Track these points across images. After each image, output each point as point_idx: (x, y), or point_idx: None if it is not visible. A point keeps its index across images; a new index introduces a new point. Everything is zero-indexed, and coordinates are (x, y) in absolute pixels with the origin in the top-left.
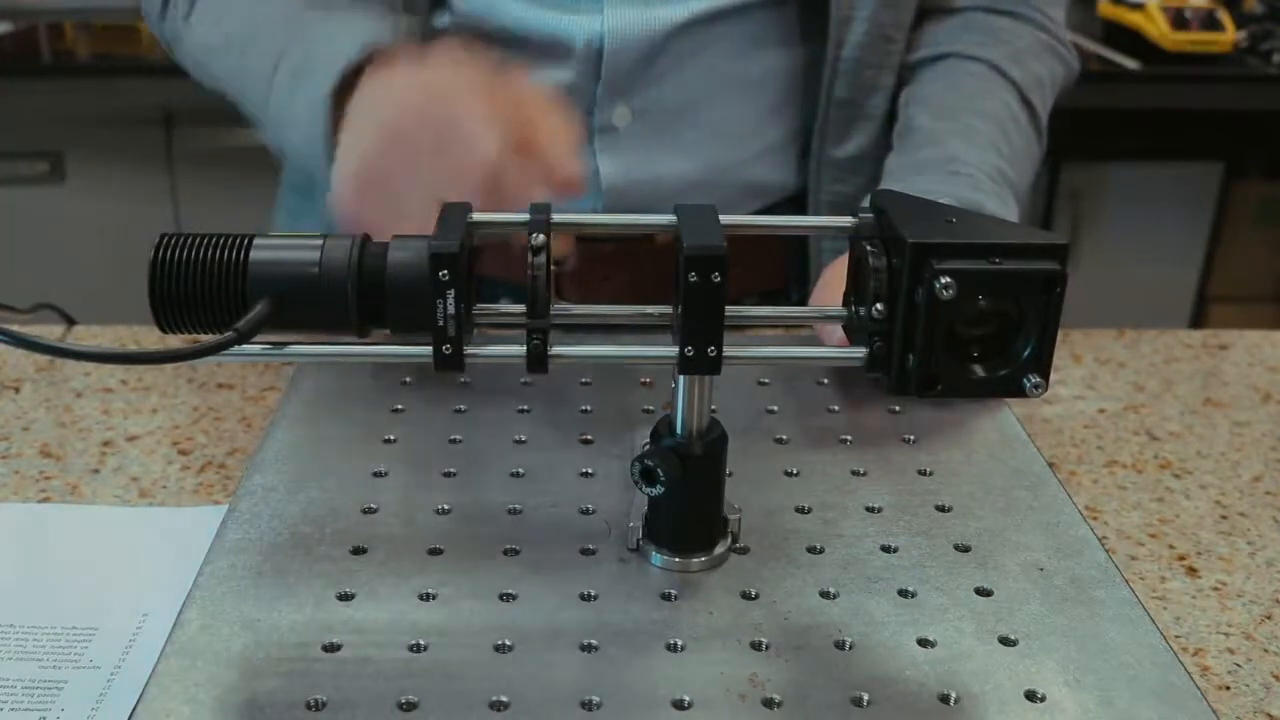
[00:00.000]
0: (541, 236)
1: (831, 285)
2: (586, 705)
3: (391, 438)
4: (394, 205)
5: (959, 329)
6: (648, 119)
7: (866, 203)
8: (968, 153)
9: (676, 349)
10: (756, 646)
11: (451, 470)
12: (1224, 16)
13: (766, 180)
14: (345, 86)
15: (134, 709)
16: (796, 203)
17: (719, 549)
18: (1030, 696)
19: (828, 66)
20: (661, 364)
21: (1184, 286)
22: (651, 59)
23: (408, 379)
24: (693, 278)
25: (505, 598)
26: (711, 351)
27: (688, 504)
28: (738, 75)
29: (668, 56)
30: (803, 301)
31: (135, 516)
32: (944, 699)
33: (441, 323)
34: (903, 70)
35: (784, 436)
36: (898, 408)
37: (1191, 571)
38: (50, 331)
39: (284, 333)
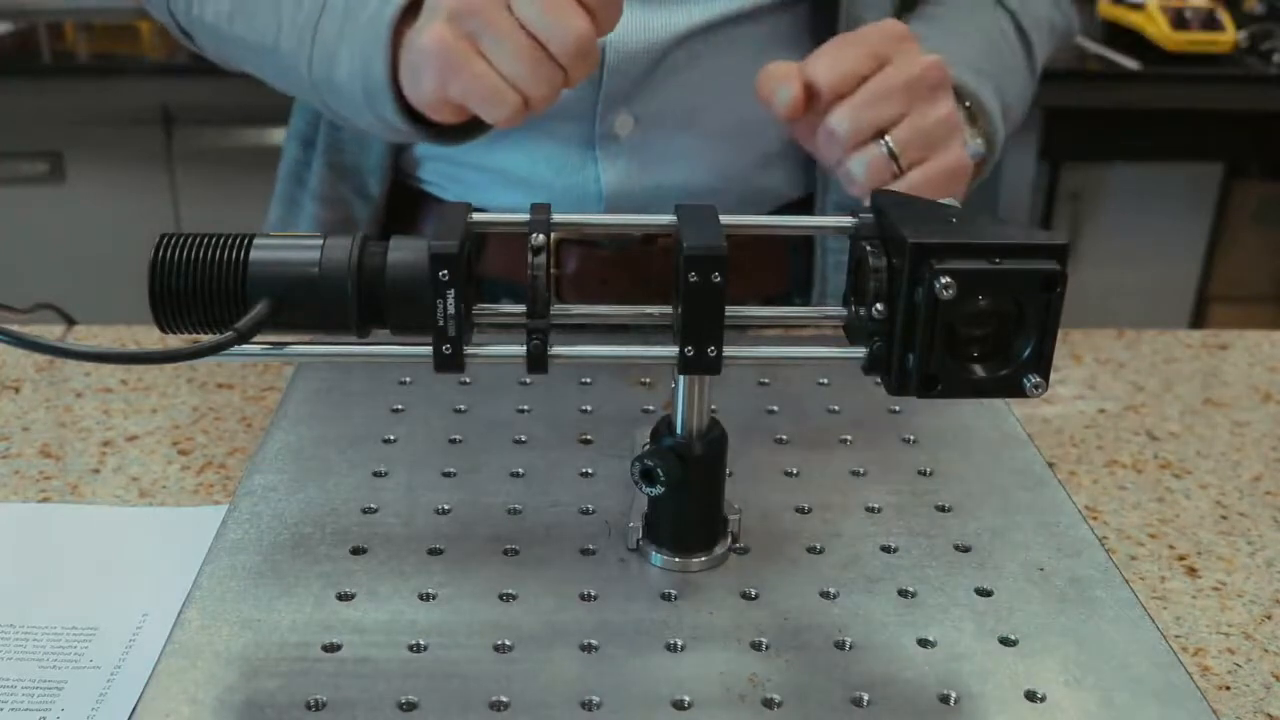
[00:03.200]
0: (541, 236)
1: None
2: (586, 705)
3: (391, 438)
4: (487, 30)
5: (959, 329)
6: (651, 127)
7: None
8: (953, 49)
9: (676, 349)
10: (756, 646)
11: (451, 470)
12: (1224, 16)
13: (771, 188)
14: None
15: (134, 709)
16: (801, 208)
17: (719, 549)
18: (1030, 696)
19: None
20: (661, 364)
21: (1184, 286)
22: (654, 67)
23: (408, 379)
24: (693, 278)
25: (505, 598)
26: (711, 351)
27: (688, 504)
28: (743, 82)
29: (671, 64)
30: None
31: (135, 516)
32: (944, 699)
33: (441, 323)
34: (905, 2)
35: (784, 436)
36: (898, 408)
37: (1191, 571)
38: (50, 331)
39: (284, 333)
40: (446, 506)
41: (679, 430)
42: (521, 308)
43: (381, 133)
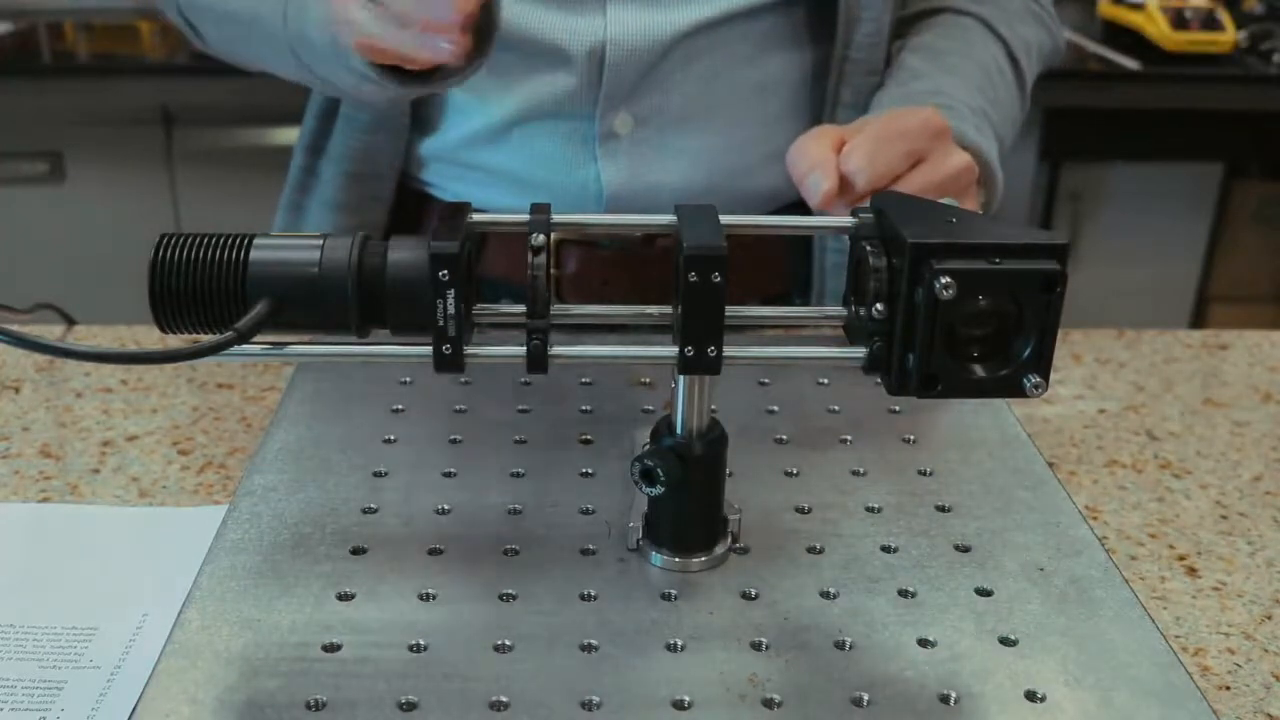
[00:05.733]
0: (541, 236)
1: (816, 133)
2: (586, 705)
3: (391, 438)
4: None
5: (959, 329)
6: (650, 126)
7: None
8: (953, 88)
9: (676, 349)
10: (756, 646)
11: (451, 470)
12: (1224, 16)
13: (771, 187)
14: None
15: (134, 709)
16: (802, 208)
17: (719, 549)
18: (1030, 696)
19: (834, 69)
20: (661, 364)
21: (1184, 286)
22: (655, 65)
23: (407, 379)
24: (693, 277)
25: (505, 598)
26: (711, 351)
27: (688, 504)
28: (743, 81)
29: (671, 63)
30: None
31: (135, 516)
32: (944, 699)
33: (441, 323)
34: (898, 25)
35: (784, 436)
36: (898, 408)
37: (1191, 571)
38: (50, 331)
39: (284, 333)
40: (446, 506)
41: (679, 430)
42: (521, 308)
43: (358, 87)
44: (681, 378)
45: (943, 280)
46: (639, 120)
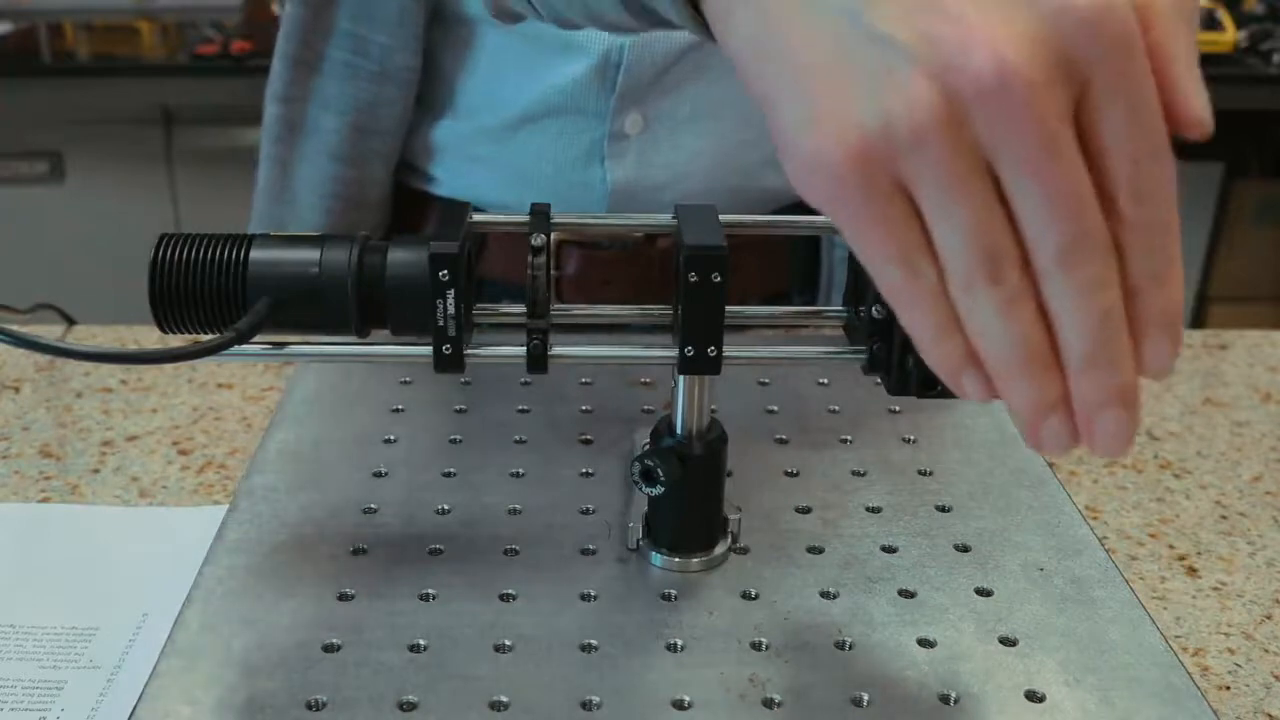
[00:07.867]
0: (541, 237)
1: None
2: (586, 705)
3: (391, 438)
4: None
5: None
6: (660, 127)
7: None
8: None
9: (676, 349)
10: (756, 646)
11: (451, 470)
12: (1224, 16)
13: (776, 187)
14: None
15: (134, 709)
16: (805, 207)
17: (719, 549)
18: (1030, 696)
19: None
20: (661, 364)
21: (1184, 286)
22: (669, 68)
23: (408, 379)
24: (693, 277)
25: (505, 598)
26: (711, 351)
27: (688, 504)
28: None
29: (686, 65)
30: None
31: (135, 516)
32: (944, 699)
33: (441, 323)
34: None
35: (784, 436)
36: (898, 408)
37: (1191, 571)
38: (50, 331)
39: (284, 333)
40: (446, 506)
41: (679, 430)
42: (521, 308)
43: None
44: (681, 378)
45: None
46: (649, 121)
